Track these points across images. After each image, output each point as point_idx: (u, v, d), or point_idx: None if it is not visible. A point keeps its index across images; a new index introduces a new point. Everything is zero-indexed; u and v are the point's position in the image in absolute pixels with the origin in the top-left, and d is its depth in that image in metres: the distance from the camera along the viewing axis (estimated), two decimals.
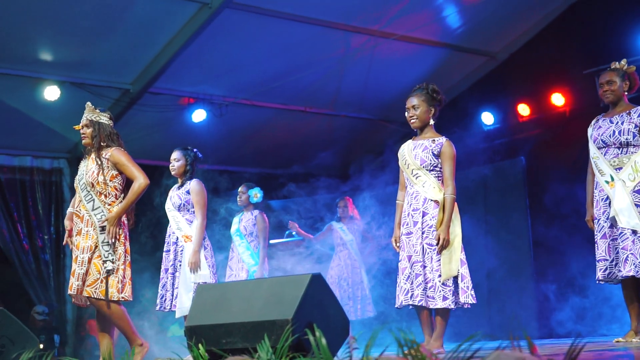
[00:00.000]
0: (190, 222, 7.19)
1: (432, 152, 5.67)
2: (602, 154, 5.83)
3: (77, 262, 5.53)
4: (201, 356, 4.05)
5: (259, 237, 8.65)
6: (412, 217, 5.66)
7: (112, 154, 5.70)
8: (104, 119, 5.81)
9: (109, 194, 5.64)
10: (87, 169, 5.71)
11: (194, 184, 7.24)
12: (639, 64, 8.41)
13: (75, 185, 5.78)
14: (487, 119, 11.52)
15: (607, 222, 5.75)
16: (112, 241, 5.51)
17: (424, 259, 5.55)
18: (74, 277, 5.54)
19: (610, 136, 5.81)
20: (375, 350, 3.44)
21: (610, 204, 5.72)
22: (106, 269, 5.46)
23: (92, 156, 5.76)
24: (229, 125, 11.11)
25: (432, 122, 5.82)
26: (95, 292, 5.47)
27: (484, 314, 9.88)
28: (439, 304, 5.45)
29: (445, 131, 6.18)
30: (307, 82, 11.00)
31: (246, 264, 8.59)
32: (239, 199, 8.90)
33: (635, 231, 5.58)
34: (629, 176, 5.67)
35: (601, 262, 5.75)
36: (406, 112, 5.85)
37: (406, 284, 5.58)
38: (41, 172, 11.11)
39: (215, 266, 7.28)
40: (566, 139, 10.23)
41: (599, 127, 5.93)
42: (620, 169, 5.73)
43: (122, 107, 10.37)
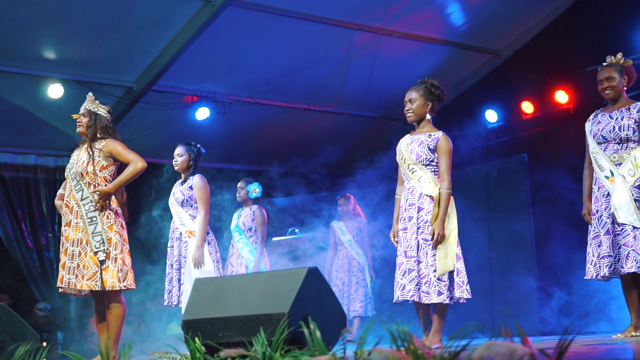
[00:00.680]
0: (193, 218, 7.21)
1: (429, 147, 5.65)
2: (601, 149, 5.82)
3: (67, 255, 5.53)
4: (197, 350, 4.05)
5: (257, 232, 8.65)
6: (408, 212, 5.65)
7: (106, 143, 5.67)
8: (102, 111, 5.81)
9: (98, 185, 5.61)
10: (78, 158, 5.70)
11: (197, 180, 7.26)
12: None
13: (66, 174, 5.78)
14: (491, 116, 11.53)
15: (609, 217, 5.73)
16: (101, 232, 5.48)
17: (418, 254, 5.54)
18: (64, 269, 5.52)
19: (610, 132, 5.80)
20: (370, 344, 3.44)
21: (610, 199, 5.70)
22: (99, 259, 5.46)
23: (85, 146, 5.75)
24: (232, 123, 11.13)
25: (428, 117, 5.78)
26: (96, 285, 5.47)
27: (487, 309, 9.87)
28: (434, 299, 5.44)
29: (449, 128, 6.19)
30: (311, 80, 11.02)
31: (245, 259, 8.59)
32: (238, 194, 8.92)
33: (636, 227, 5.56)
34: (629, 171, 5.66)
35: (605, 259, 5.70)
36: (404, 106, 5.84)
37: (403, 279, 5.58)
38: (45, 170, 11.14)
39: (220, 261, 7.29)
40: (570, 136, 10.21)
41: (599, 123, 5.92)
42: (620, 164, 5.71)
43: (126, 105, 10.40)
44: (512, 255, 9.95)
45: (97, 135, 5.74)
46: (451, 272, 5.52)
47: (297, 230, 10.23)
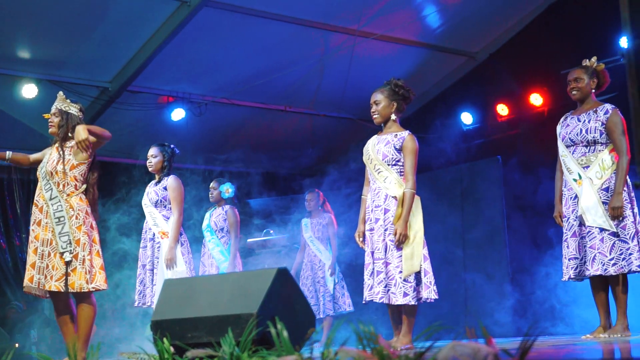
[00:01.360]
0: (167, 219, 7.19)
1: (395, 147, 5.66)
2: (570, 152, 5.85)
3: (37, 255, 5.49)
4: (166, 350, 4.04)
5: (229, 233, 8.63)
6: (375, 213, 5.66)
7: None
8: (74, 110, 5.78)
9: (68, 184, 5.58)
10: (49, 157, 5.69)
11: (171, 180, 7.24)
12: (618, 64, 8.51)
13: (37, 174, 5.75)
14: (467, 118, 11.57)
15: (576, 220, 5.77)
16: (68, 232, 5.44)
17: (386, 255, 5.55)
18: (33, 269, 5.47)
19: (577, 134, 5.83)
20: (338, 344, 3.44)
21: (578, 202, 5.74)
22: (65, 260, 5.41)
23: (56, 145, 5.73)
24: (208, 124, 11.11)
25: (394, 117, 5.80)
26: (63, 286, 5.43)
27: (461, 310, 9.91)
28: (400, 300, 5.45)
29: (425, 130, 6.21)
30: (287, 81, 11.01)
31: (216, 260, 8.58)
32: (210, 195, 8.90)
33: (603, 229, 5.60)
34: (596, 174, 5.70)
35: (572, 261, 5.76)
36: (371, 110, 5.86)
37: (370, 279, 5.59)
38: (19, 170, 11.05)
39: (192, 262, 7.28)
40: (544, 139, 10.26)
41: (567, 125, 5.95)
42: (587, 167, 5.75)
43: (101, 105, 10.35)
44: (486, 256, 9.99)
45: (68, 134, 5.71)
46: (418, 273, 5.52)
47: (272, 231, 10.21)
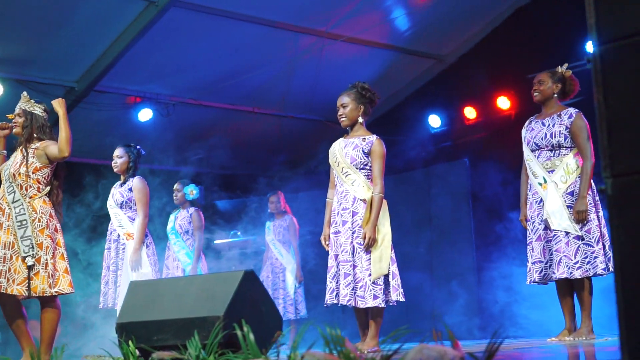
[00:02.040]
0: (132, 220, 7.16)
1: (363, 150, 5.68)
2: (535, 156, 5.88)
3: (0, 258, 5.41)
4: (131, 353, 4.01)
5: (194, 235, 8.59)
6: (342, 216, 5.66)
7: (41, 144, 5.58)
8: (38, 110, 5.72)
9: (31, 187, 5.50)
10: (14, 159, 5.61)
11: (137, 182, 7.21)
12: (584, 69, 8.57)
13: (1, 176, 5.67)
14: (434, 121, 11.61)
15: (541, 224, 5.81)
16: (30, 236, 5.37)
17: (354, 258, 5.55)
18: None
19: (542, 139, 5.86)
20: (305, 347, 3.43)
21: (543, 206, 5.78)
22: (27, 264, 5.33)
23: (21, 147, 5.66)
24: (175, 125, 11.05)
25: (361, 120, 5.82)
26: (26, 290, 5.33)
27: (427, 313, 9.93)
28: (370, 303, 5.45)
29: (393, 132, 6.22)
30: (256, 82, 10.99)
31: (181, 262, 8.54)
32: (174, 196, 8.87)
33: (568, 233, 5.64)
34: (561, 178, 5.74)
35: (537, 264, 5.80)
36: (337, 111, 5.86)
37: (332, 282, 5.59)
38: None
39: (157, 264, 7.24)
40: (511, 142, 10.32)
41: (532, 130, 5.99)
42: (552, 171, 5.79)
43: (67, 105, 10.20)
44: (453, 258, 10.03)
45: (33, 135, 5.64)
46: (387, 276, 5.54)
47: (239, 233, 10.17)
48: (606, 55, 2.62)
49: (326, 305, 5.64)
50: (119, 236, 7.16)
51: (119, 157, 7.33)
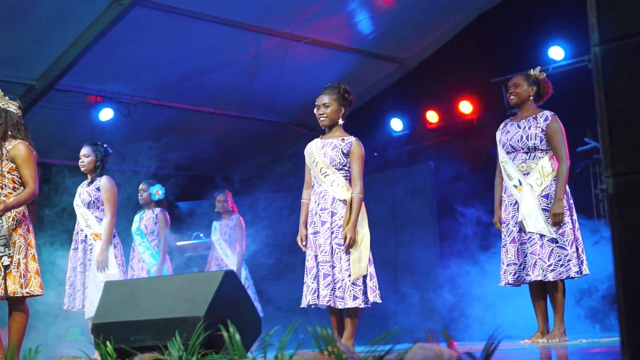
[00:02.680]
0: (99, 220, 7.04)
1: (342, 151, 5.66)
2: (510, 158, 5.90)
3: None
4: (109, 354, 3.93)
5: (160, 236, 8.50)
6: (320, 216, 5.62)
7: (15, 146, 5.43)
8: (13, 107, 5.59)
9: (5, 186, 5.35)
10: None
11: (105, 181, 7.10)
12: (547, 74, 8.65)
13: None
14: (396, 125, 11.63)
15: (515, 226, 5.83)
16: (6, 235, 5.23)
17: (332, 259, 5.52)
18: None
19: (518, 141, 5.89)
20: (289, 347, 3.40)
21: (518, 208, 5.80)
22: (3, 264, 5.19)
23: None
24: (136, 124, 10.92)
25: (341, 122, 5.80)
26: (2, 291, 5.18)
27: (390, 314, 9.93)
28: (350, 304, 5.43)
29: (354, 135, 6.18)
30: (218, 83, 10.91)
31: (146, 263, 8.43)
32: (140, 197, 8.75)
33: (543, 235, 5.67)
34: (536, 180, 5.77)
35: (511, 266, 5.81)
36: (315, 110, 5.81)
37: (313, 283, 5.55)
38: None
39: (124, 265, 7.14)
40: (473, 146, 10.39)
41: (507, 132, 6.01)
42: (528, 173, 5.81)
43: (27, 103, 10.05)
44: (419, 261, 10.02)
45: (7, 133, 5.50)
46: (364, 277, 5.52)
47: (201, 235, 10.08)
48: (607, 54, 2.62)
49: (305, 306, 5.59)
50: (86, 236, 7.04)
51: (85, 156, 7.21)
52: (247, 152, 12.23)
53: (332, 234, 5.55)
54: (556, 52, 9.88)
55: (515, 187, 5.82)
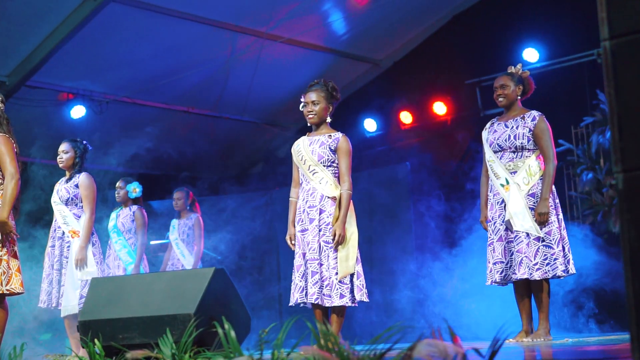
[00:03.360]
0: (77, 217, 6.94)
1: (330, 148, 5.62)
2: (497, 157, 5.91)
3: None
4: (97, 353, 3.86)
5: (137, 234, 8.40)
6: (308, 214, 5.58)
7: None
8: None
9: None
10: None
11: (83, 178, 6.99)
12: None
13: None
14: (370, 125, 11.62)
15: (502, 224, 5.83)
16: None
17: (320, 256, 5.49)
18: None
19: (505, 140, 5.89)
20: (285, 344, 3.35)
21: (505, 207, 5.81)
22: None
23: None
24: (108, 122, 10.80)
25: (328, 120, 5.77)
26: None
27: (367, 315, 9.92)
28: (336, 302, 5.40)
29: None
30: (191, 82, 10.83)
31: (123, 261, 8.34)
32: (117, 194, 8.66)
33: (529, 234, 5.68)
34: (523, 180, 5.78)
35: (497, 265, 5.81)
36: (303, 107, 5.75)
37: (301, 281, 5.50)
38: None
39: (102, 263, 7.04)
40: (448, 147, 10.41)
41: (495, 132, 6.01)
42: (515, 172, 5.82)
43: None
44: (395, 260, 10.01)
45: None
46: (352, 275, 5.49)
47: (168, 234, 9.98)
48: (617, 49, 2.60)
49: (294, 304, 5.54)
50: (64, 233, 6.93)
51: (64, 152, 7.10)
52: (220, 152, 12.15)
53: (320, 231, 5.51)
54: (531, 54, 9.92)
55: (502, 185, 5.82)
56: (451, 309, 8.66)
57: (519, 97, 6.01)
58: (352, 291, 5.47)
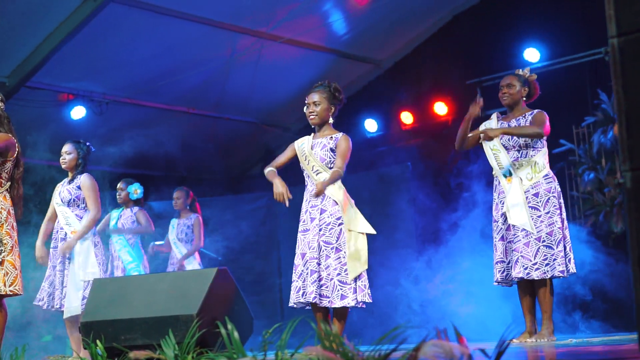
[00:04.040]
0: (80, 218, 6.94)
1: (331, 149, 5.63)
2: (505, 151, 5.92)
3: None
4: (99, 354, 3.83)
5: (137, 235, 8.42)
6: (310, 214, 5.57)
7: None
8: None
9: None
10: None
11: (85, 179, 6.99)
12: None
13: None
14: (371, 126, 11.60)
15: (504, 224, 5.83)
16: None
17: (319, 256, 5.47)
18: None
19: (509, 139, 5.90)
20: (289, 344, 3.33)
21: (505, 200, 5.82)
22: None
23: None
24: (109, 123, 10.77)
25: (331, 121, 5.76)
26: None
27: (362, 317, 9.88)
28: (337, 303, 5.37)
29: None
30: (192, 82, 10.81)
31: (123, 261, 8.32)
32: (118, 196, 8.66)
33: (527, 233, 5.67)
34: (527, 175, 5.79)
35: (499, 264, 5.82)
36: (305, 108, 5.75)
37: (298, 281, 5.49)
38: None
39: (105, 264, 7.02)
40: (449, 148, 10.37)
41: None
42: (518, 168, 5.84)
43: None
44: (398, 261, 9.97)
45: None
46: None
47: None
48: (625, 47, 2.58)
49: (294, 305, 5.52)
50: (66, 234, 6.92)
51: (67, 154, 7.09)
52: (221, 152, 12.12)
53: (320, 231, 5.49)
54: (532, 54, 9.90)
55: (504, 176, 5.84)
56: (454, 309, 8.62)
57: (523, 99, 6.04)
58: (355, 292, 5.45)
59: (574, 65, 9.67)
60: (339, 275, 5.40)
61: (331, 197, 5.54)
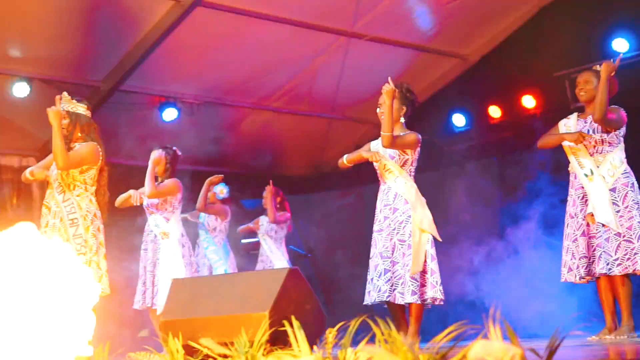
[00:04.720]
0: (167, 220, 7.16)
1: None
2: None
3: None
4: (177, 350, 4.00)
5: (222, 232, 8.64)
6: (383, 212, 5.65)
7: (78, 145, 5.56)
8: (81, 109, 5.71)
9: (77, 186, 5.50)
10: None
11: (168, 182, 7.23)
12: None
13: (48, 176, 5.65)
14: (459, 120, 11.57)
15: (584, 219, 5.78)
16: (82, 234, 5.35)
17: (393, 254, 5.54)
18: None
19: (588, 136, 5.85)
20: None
21: (587, 202, 5.76)
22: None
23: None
24: (200, 124, 11.03)
25: (402, 120, 5.84)
26: None
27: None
28: (408, 299, 5.44)
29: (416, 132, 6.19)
30: (280, 81, 10.98)
31: (209, 259, 8.54)
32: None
33: (608, 229, 5.62)
34: (608, 172, 5.73)
35: (582, 260, 5.75)
36: (378, 109, 5.85)
37: (379, 280, 5.56)
38: (10, 170, 10.93)
39: (193, 265, 7.23)
40: (536, 141, 10.26)
41: (576, 128, 5.98)
42: (598, 166, 5.78)
43: (92, 105, 10.16)
44: (486, 256, 9.88)
45: (77, 135, 5.63)
46: (424, 272, 5.51)
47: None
48: None
49: (372, 303, 5.61)
50: (156, 236, 7.16)
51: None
52: (311, 149, 12.26)
53: (394, 230, 5.57)
54: (620, 44, 9.72)
55: (586, 175, 5.79)
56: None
57: None
58: (426, 287, 5.49)
59: None
60: (409, 271, 5.47)
61: (402, 195, 5.61)
